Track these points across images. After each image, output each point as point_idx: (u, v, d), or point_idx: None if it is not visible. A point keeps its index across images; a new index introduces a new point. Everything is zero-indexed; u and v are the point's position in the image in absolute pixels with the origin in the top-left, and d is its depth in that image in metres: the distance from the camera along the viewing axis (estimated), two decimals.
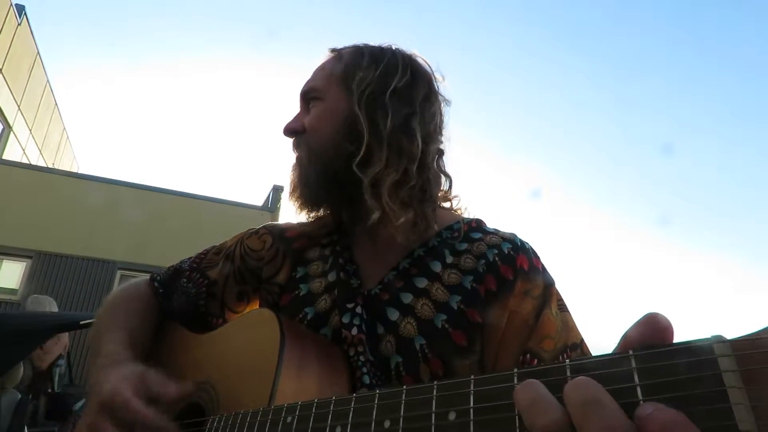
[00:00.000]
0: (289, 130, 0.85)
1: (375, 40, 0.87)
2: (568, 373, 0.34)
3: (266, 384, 0.61)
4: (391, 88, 0.78)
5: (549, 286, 0.75)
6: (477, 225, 0.83)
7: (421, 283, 0.75)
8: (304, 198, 0.82)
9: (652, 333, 0.33)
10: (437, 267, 0.76)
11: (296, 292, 0.80)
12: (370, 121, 0.76)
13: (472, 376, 0.38)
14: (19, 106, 15.90)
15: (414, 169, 0.75)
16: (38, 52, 17.25)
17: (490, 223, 0.85)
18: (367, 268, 0.80)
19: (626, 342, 0.34)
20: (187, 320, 0.90)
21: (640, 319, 0.34)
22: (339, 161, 0.78)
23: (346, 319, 0.72)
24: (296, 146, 0.85)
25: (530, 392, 0.34)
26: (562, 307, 0.75)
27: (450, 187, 0.84)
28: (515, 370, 0.37)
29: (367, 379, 0.68)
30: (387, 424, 0.41)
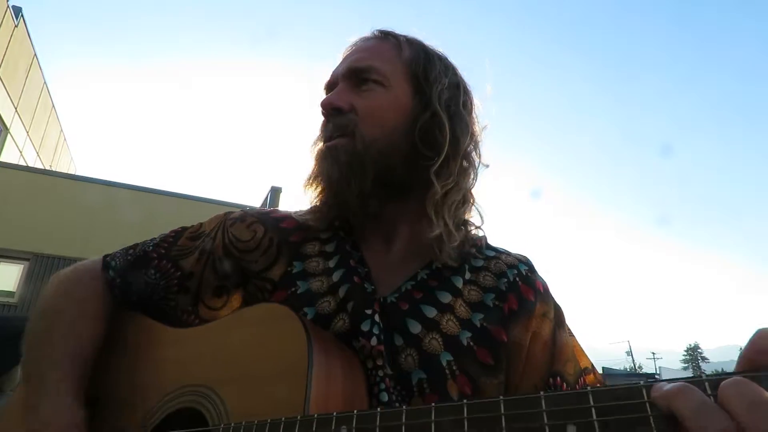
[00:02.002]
0: (332, 107, 0.74)
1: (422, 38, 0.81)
2: (708, 388, 0.33)
3: (295, 388, 0.54)
4: (461, 101, 0.77)
5: (559, 308, 0.76)
6: (485, 242, 0.81)
7: (445, 297, 0.71)
8: (345, 193, 0.72)
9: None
10: (459, 282, 0.73)
11: (293, 290, 0.72)
12: (452, 132, 0.73)
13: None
14: (16, 108, 15.85)
15: (469, 190, 0.75)
16: (35, 54, 17.21)
17: (489, 225, 0.84)
18: (379, 273, 0.73)
19: (748, 361, 0.34)
20: (149, 313, 0.78)
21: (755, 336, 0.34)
22: (396, 159, 0.72)
23: (365, 327, 0.65)
24: (336, 128, 0.74)
25: (694, 398, 0.32)
26: (570, 333, 0.76)
27: (472, 205, 0.79)
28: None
29: (385, 396, 0.62)
30: None
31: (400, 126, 0.73)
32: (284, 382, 0.56)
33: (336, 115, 0.74)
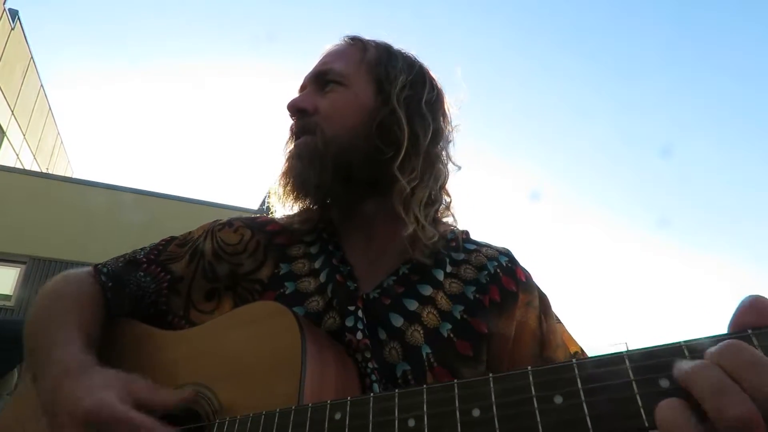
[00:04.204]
0: (296, 108, 0.78)
1: (392, 42, 0.84)
2: (687, 353, 0.33)
3: (290, 380, 0.55)
4: (425, 98, 0.77)
5: (544, 296, 0.78)
6: (467, 236, 0.83)
7: (426, 290, 0.73)
8: (305, 185, 0.74)
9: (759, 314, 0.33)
10: (440, 275, 0.75)
11: (281, 290, 0.74)
12: (410, 127, 0.74)
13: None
14: (12, 111, 15.82)
15: (438, 189, 0.76)
16: (32, 57, 17.19)
17: (487, 226, 0.86)
18: (361, 271, 0.76)
19: (738, 325, 0.34)
20: (140, 318, 0.79)
21: (745, 301, 0.34)
22: (356, 156, 0.74)
23: (349, 323, 0.68)
24: (302, 128, 0.77)
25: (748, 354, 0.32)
26: (558, 320, 0.77)
27: (448, 205, 0.81)
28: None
29: (376, 388, 0.64)
30: (476, 412, 0.39)
31: (360, 123, 0.75)
32: (278, 375, 0.57)
33: (301, 117, 0.78)
